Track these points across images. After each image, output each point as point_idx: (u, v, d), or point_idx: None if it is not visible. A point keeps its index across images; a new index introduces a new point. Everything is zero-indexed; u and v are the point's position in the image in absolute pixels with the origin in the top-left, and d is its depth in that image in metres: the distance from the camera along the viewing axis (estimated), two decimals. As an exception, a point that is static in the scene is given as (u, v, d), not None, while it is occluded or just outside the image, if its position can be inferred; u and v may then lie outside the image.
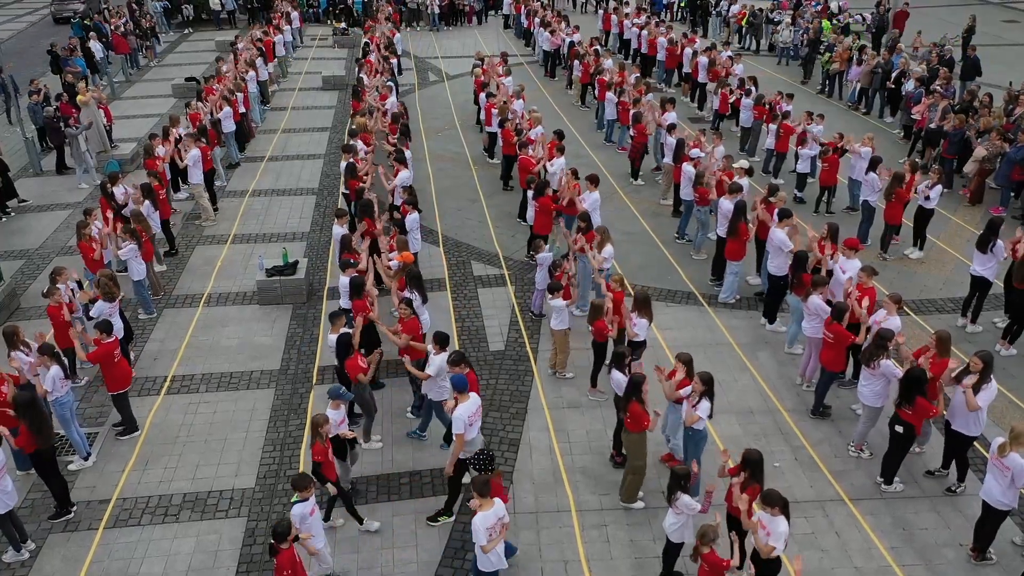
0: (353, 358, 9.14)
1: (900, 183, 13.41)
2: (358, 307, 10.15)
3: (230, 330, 12.26)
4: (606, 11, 30.56)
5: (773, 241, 11.56)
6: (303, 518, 7.29)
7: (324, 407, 10.37)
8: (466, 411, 8.07)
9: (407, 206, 12.85)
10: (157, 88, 25.48)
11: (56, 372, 9.12)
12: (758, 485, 7.31)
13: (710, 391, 8.29)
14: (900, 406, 8.59)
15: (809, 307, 10.13)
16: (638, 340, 10.08)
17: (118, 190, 13.70)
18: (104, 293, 10.53)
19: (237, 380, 11.08)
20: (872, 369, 8.95)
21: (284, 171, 18.57)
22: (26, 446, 8.44)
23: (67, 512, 8.82)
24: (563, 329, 10.68)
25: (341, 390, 8.60)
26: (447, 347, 9.11)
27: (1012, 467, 7.49)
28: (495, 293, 13.09)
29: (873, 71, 21.31)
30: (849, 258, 10.87)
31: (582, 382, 10.81)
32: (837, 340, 9.60)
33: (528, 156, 15.21)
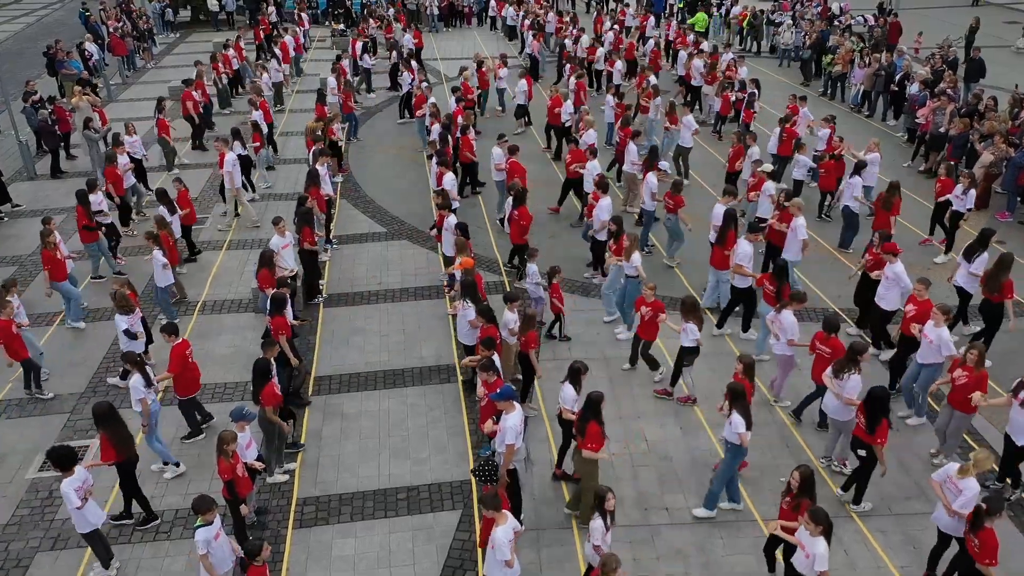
0: (269, 385, 8.85)
1: (897, 192, 13.21)
2: (277, 324, 9.96)
3: (225, 339, 12.05)
4: (599, 13, 30.38)
5: (736, 254, 11.31)
6: (207, 543, 7.07)
7: (321, 419, 10.38)
8: (515, 422, 7.90)
9: (441, 211, 12.66)
10: (154, 91, 25.11)
11: (138, 380, 8.87)
12: (808, 500, 7.20)
13: (740, 404, 8.10)
14: (864, 429, 8.30)
15: (781, 322, 9.80)
16: (689, 346, 9.93)
17: (94, 197, 13.51)
18: (120, 306, 10.30)
19: (232, 391, 10.88)
20: (840, 381, 8.70)
21: (280, 176, 18.35)
22: (108, 459, 8.26)
23: (154, 518, 8.71)
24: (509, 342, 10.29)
25: (244, 410, 8.30)
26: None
27: (964, 488, 7.33)
28: (494, 302, 12.81)
29: (876, 74, 21.11)
30: (891, 263, 10.66)
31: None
32: (834, 355, 9.21)
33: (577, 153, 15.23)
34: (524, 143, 18.04)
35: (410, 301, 13.06)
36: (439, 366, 11.35)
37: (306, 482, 9.32)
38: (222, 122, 21.30)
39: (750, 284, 11.34)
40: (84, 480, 7.67)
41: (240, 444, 8.11)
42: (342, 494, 9.11)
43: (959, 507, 7.34)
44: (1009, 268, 10.63)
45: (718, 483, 8.55)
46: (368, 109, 23.16)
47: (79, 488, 7.54)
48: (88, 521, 7.67)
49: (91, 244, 13.32)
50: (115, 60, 27.33)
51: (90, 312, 12.81)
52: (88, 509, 7.62)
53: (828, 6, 30.42)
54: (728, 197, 12.52)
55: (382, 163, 19.08)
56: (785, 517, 7.38)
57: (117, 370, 11.30)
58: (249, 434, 8.30)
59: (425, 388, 10.87)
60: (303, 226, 12.35)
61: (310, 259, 12.62)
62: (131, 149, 16.27)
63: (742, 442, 8.13)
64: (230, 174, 15.03)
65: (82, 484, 7.61)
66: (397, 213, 16.24)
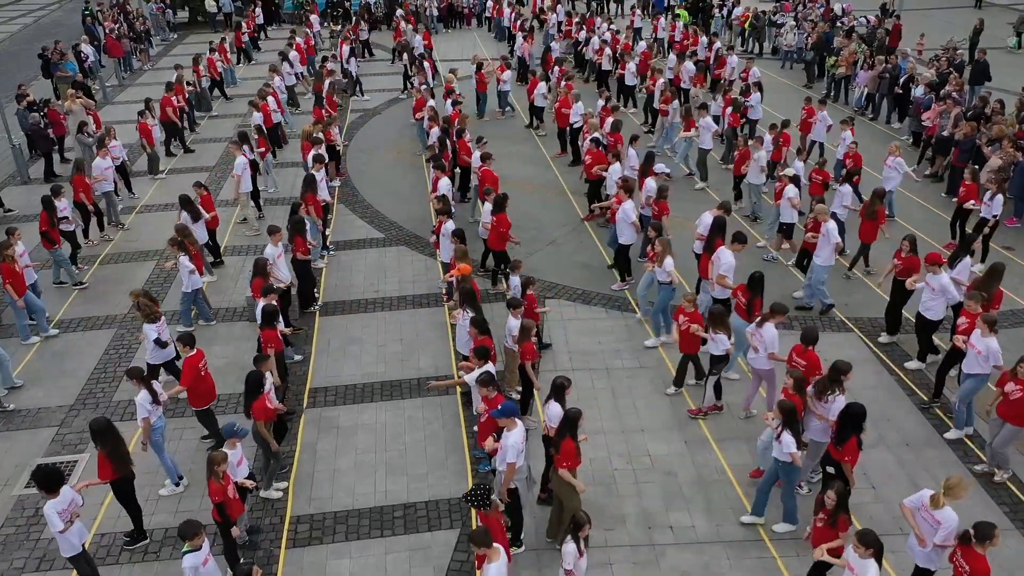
0: (261, 399, 8.58)
1: (881, 200, 12.96)
2: (267, 338, 9.70)
3: (218, 349, 11.78)
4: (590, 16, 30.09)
5: (719, 263, 10.99)
6: (195, 570, 6.78)
7: (316, 433, 10.12)
8: (517, 439, 7.63)
9: (441, 216, 12.39)
10: (150, 92, 24.68)
11: (144, 396, 8.61)
12: (845, 516, 6.98)
13: (790, 421, 7.85)
14: (834, 444, 8.02)
15: (762, 335, 9.47)
16: (717, 354, 9.73)
17: (60, 203, 13.24)
18: (145, 315, 10.03)
19: (224, 404, 10.59)
20: (823, 403, 8.35)
21: (278, 179, 18.07)
22: (105, 476, 8.01)
23: (144, 538, 8.43)
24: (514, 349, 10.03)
25: (236, 427, 8.02)
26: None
27: (943, 520, 6.99)
28: (494, 309, 12.54)
29: (880, 76, 20.85)
30: (936, 274, 10.38)
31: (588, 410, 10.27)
32: (809, 370, 8.90)
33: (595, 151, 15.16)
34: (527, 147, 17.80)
35: (408, 309, 12.79)
36: (436, 376, 11.07)
37: (300, 499, 9.05)
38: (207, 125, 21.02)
39: (729, 295, 11.04)
40: (70, 502, 7.40)
41: (231, 462, 7.86)
42: (337, 512, 8.85)
43: (940, 541, 7.01)
44: (1000, 277, 10.38)
45: (788, 499, 8.31)
46: (365, 112, 22.90)
47: (63, 511, 7.27)
48: (72, 544, 7.40)
49: (53, 251, 13.07)
50: (111, 62, 27.07)
51: (80, 320, 12.55)
52: (72, 532, 7.35)
53: (830, 7, 30.17)
54: (722, 210, 12.23)
55: (381, 167, 18.83)
56: (820, 536, 7.11)
57: (108, 381, 11.05)
58: (240, 451, 8.04)
59: (423, 400, 10.61)
60: (295, 235, 12.09)
61: (304, 268, 12.36)
62: (112, 153, 16.04)
63: (794, 461, 7.87)
64: (239, 178, 14.76)
65: (67, 507, 7.34)
66: (395, 218, 15.99)
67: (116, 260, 14.44)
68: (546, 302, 12.85)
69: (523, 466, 7.79)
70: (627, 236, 12.72)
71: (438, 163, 14.36)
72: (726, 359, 9.93)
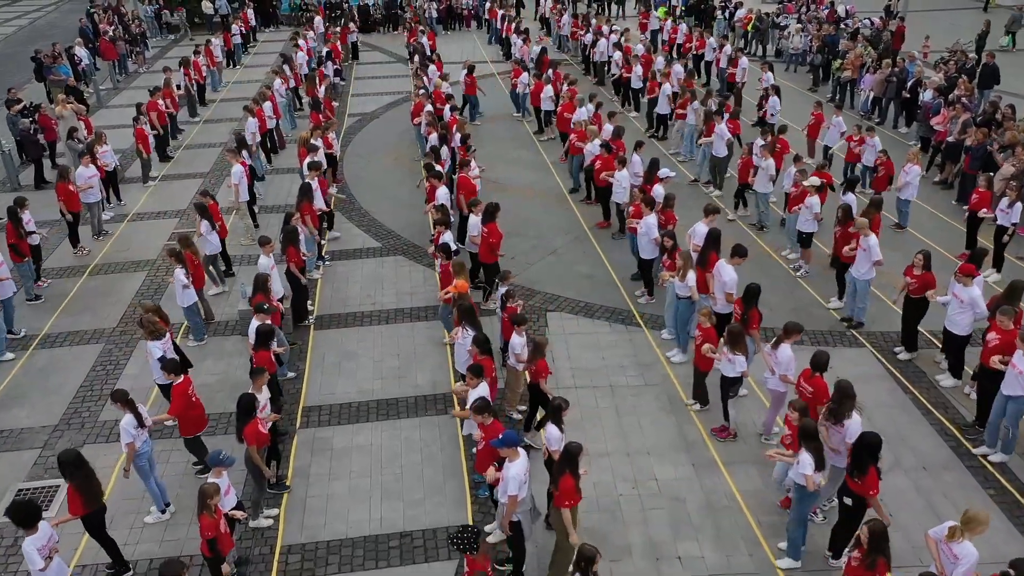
0: (253, 423, 8.20)
1: (878, 209, 12.59)
2: (260, 359, 9.32)
3: (209, 365, 11.40)
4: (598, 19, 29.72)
5: (720, 279, 10.57)
6: None
7: (308, 454, 9.73)
8: (520, 470, 7.23)
9: (440, 227, 12.03)
10: (145, 96, 24.51)
11: (129, 421, 8.23)
12: (884, 559, 6.61)
13: (813, 443, 7.48)
14: (851, 475, 7.61)
15: (777, 356, 9.10)
16: (732, 376, 9.34)
17: (25, 215, 12.89)
18: (150, 332, 9.64)
19: (214, 424, 10.16)
20: (840, 428, 7.98)
21: (274, 185, 17.73)
22: (75, 511, 7.59)
23: (127, 570, 8.05)
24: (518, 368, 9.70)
25: (222, 454, 7.59)
26: None
27: (961, 556, 6.62)
28: (492, 323, 12.15)
29: (887, 80, 20.47)
30: (967, 286, 9.98)
31: (591, 430, 9.94)
32: (816, 396, 8.52)
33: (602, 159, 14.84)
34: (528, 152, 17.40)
35: (405, 323, 12.41)
36: (435, 395, 10.69)
37: (291, 527, 8.67)
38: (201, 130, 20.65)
39: (731, 311, 10.65)
40: (49, 537, 7.02)
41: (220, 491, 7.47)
42: (330, 541, 8.46)
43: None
44: (1020, 297, 9.89)
45: (795, 529, 7.87)
46: (363, 115, 22.53)
47: (43, 547, 6.88)
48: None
49: (22, 264, 12.68)
50: (106, 65, 26.69)
51: (67, 335, 12.17)
52: (52, 569, 6.96)
53: (835, 9, 29.79)
54: (712, 216, 11.84)
55: (378, 173, 18.45)
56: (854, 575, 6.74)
57: (94, 399, 10.67)
58: (227, 480, 7.65)
59: (420, 420, 10.22)
60: (288, 246, 11.71)
61: (296, 280, 11.98)
62: (102, 159, 15.68)
63: (807, 484, 7.48)
64: (236, 187, 14.38)
65: (47, 542, 6.95)
66: (393, 226, 15.61)
67: (105, 271, 14.05)
68: (547, 315, 12.50)
69: (526, 498, 7.41)
70: (650, 251, 12.30)
71: (434, 171, 13.96)
72: (740, 381, 9.53)
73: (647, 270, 12.65)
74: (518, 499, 7.21)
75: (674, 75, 20.67)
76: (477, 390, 8.41)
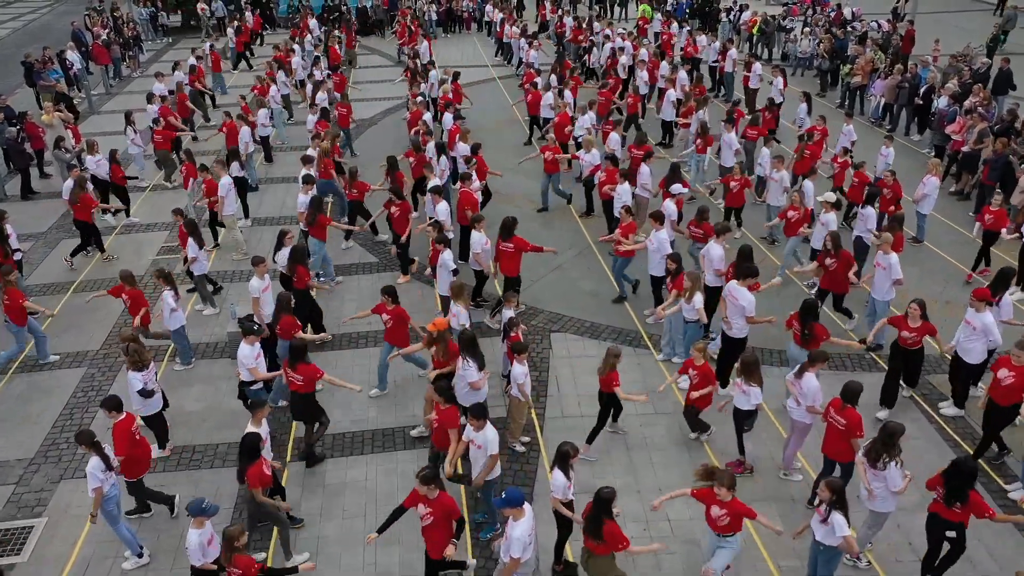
0: (257, 464, 7.69)
1: (901, 226, 12.04)
2: (307, 373, 8.93)
3: (196, 391, 10.85)
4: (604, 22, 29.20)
5: (736, 301, 9.97)
6: None
7: (299, 490, 9.17)
8: (524, 530, 6.72)
9: (438, 245, 11.49)
10: (139, 101, 23.96)
11: (96, 464, 7.69)
12: None
13: (841, 502, 6.92)
14: (949, 504, 7.17)
15: (802, 386, 8.56)
16: (747, 409, 8.80)
17: (7, 228, 12.49)
18: (133, 361, 9.07)
19: (200, 456, 9.67)
20: (876, 470, 7.49)
21: (267, 197, 17.17)
22: None
23: None
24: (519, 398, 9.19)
25: (204, 503, 6.97)
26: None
27: None
28: (494, 345, 11.61)
29: (899, 86, 19.90)
30: (980, 311, 9.45)
31: (598, 464, 9.38)
32: (849, 429, 8.04)
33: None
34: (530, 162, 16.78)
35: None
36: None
37: (280, 572, 8.11)
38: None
39: (746, 335, 10.14)
40: None
41: (200, 542, 6.93)
42: (321, 590, 7.92)
43: None
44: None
45: None
46: (360, 122, 21.96)
47: None
48: None
49: None
50: (99, 69, 26.14)
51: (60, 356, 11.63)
52: None
53: (841, 11, 29.23)
54: (724, 236, 11.29)
55: (374, 183, 17.81)
56: None
57: (73, 429, 10.09)
58: (210, 529, 7.08)
59: (418, 452, 9.65)
60: (296, 264, 11.16)
61: (306, 297, 11.39)
62: (94, 170, 15.13)
63: (848, 547, 6.98)
64: (222, 200, 13.83)
65: None
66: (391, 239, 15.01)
67: (92, 287, 13.46)
68: (551, 336, 11.95)
69: (530, 559, 6.86)
70: (660, 268, 11.70)
71: (433, 186, 13.37)
72: (755, 414, 8.98)
73: (657, 289, 12.11)
74: (521, 561, 6.67)
75: (679, 81, 20.15)
76: (487, 429, 7.81)
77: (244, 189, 15.63)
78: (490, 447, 7.74)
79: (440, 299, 12.03)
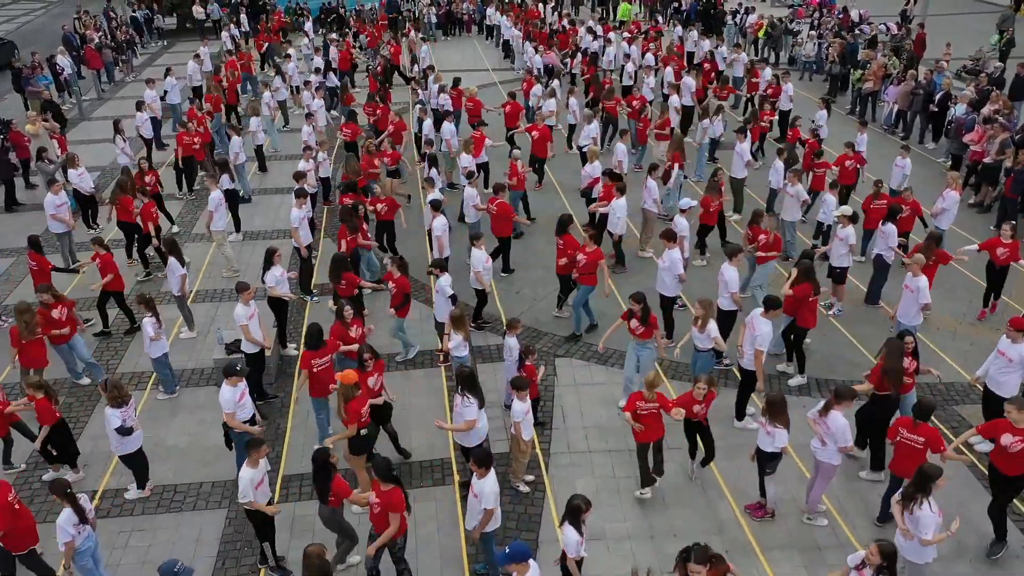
0: (336, 479, 7.35)
1: (938, 243, 11.42)
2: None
3: (179, 423, 10.23)
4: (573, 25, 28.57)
5: (754, 329, 9.36)
6: None
7: (288, 535, 8.56)
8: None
9: (433, 269, 10.93)
10: (131, 107, 23.39)
11: (67, 518, 7.09)
12: None
13: (891, 568, 6.33)
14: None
15: (830, 426, 7.91)
16: (770, 451, 8.17)
17: None
18: (112, 397, 8.47)
19: (182, 496, 9.05)
20: (911, 513, 6.91)
21: (259, 208, 16.56)
22: None
23: None
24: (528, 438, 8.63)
25: (177, 567, 6.29)
26: None
27: None
28: (497, 371, 10.99)
29: (913, 92, 19.27)
30: (1017, 342, 8.81)
31: (608, 506, 8.76)
32: (931, 444, 7.65)
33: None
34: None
35: (399, 370, 11.24)
36: (431, 461, 9.53)
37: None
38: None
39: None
40: None
41: None
42: (309, 649, 7.29)
43: None
44: None
45: None
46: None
47: None
48: None
49: None
50: (91, 74, 25.52)
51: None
52: None
53: (848, 14, 28.60)
54: (736, 257, 10.68)
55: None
56: None
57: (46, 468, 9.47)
58: (188, 584, 6.46)
59: (415, 492, 8.96)
60: (341, 273, 10.96)
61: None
62: (77, 183, 14.52)
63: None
64: (211, 215, 13.24)
65: None
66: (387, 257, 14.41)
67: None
68: (556, 361, 11.34)
69: None
70: (672, 288, 11.17)
71: (432, 200, 12.76)
72: (779, 456, 8.36)
73: (668, 310, 11.50)
74: None
75: (684, 88, 19.53)
76: (486, 481, 7.20)
77: (235, 202, 15.03)
78: (486, 500, 7.12)
79: (436, 324, 11.37)
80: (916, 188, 13.76)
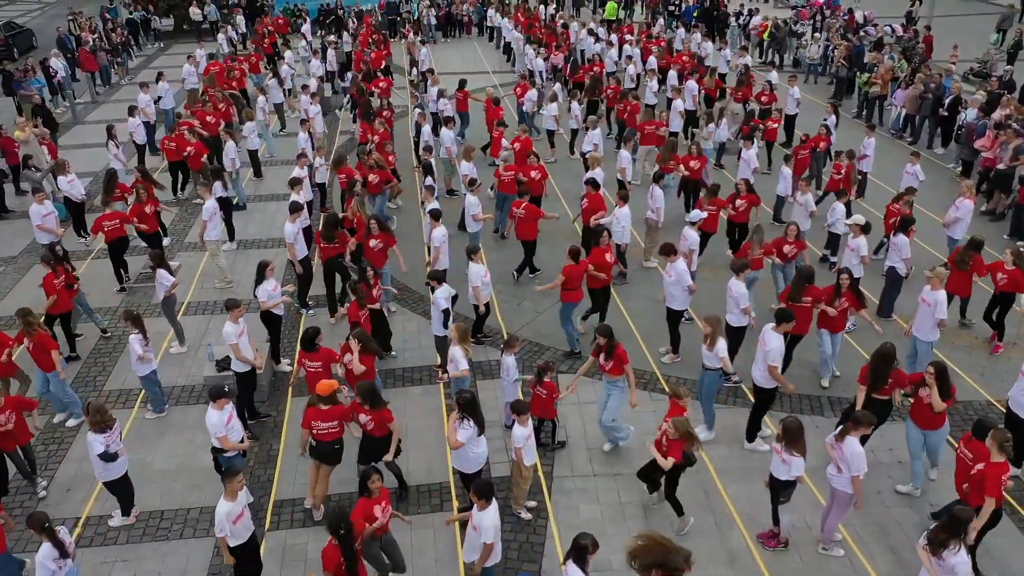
0: (363, 503, 7.04)
1: (978, 249, 11.06)
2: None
3: (167, 443, 9.84)
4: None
5: (765, 344, 9.03)
6: None
7: (278, 566, 8.17)
8: None
9: (433, 281, 10.53)
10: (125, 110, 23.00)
11: (47, 553, 6.71)
12: None
13: None
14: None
15: (845, 452, 7.53)
16: (785, 479, 7.80)
17: None
18: (94, 421, 8.06)
19: (168, 523, 8.66)
20: (941, 559, 6.53)
21: (255, 216, 16.16)
22: None
23: None
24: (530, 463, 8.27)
25: None
26: None
27: None
28: (498, 388, 10.58)
29: (922, 96, 18.89)
30: None
31: (614, 534, 8.37)
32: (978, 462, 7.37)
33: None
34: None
35: (396, 387, 10.84)
36: (429, 485, 9.14)
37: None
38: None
39: (776, 386, 9.17)
40: None
41: None
42: None
43: None
44: None
45: None
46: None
47: None
48: None
49: None
50: (85, 76, 25.13)
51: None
52: None
53: (853, 16, 28.22)
54: (743, 273, 10.29)
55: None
56: None
57: (28, 493, 9.08)
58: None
59: (412, 519, 8.63)
60: (361, 283, 10.59)
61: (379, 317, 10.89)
62: (66, 190, 14.13)
63: None
64: (205, 224, 12.86)
65: None
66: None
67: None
68: (558, 378, 10.92)
69: None
70: (681, 302, 10.80)
71: (432, 210, 12.38)
72: (794, 484, 7.97)
73: (675, 323, 11.12)
74: None
75: (687, 91, 19.14)
76: (485, 514, 6.82)
77: (229, 210, 14.64)
78: (485, 534, 6.77)
79: (435, 339, 10.96)
80: (926, 195, 13.37)
